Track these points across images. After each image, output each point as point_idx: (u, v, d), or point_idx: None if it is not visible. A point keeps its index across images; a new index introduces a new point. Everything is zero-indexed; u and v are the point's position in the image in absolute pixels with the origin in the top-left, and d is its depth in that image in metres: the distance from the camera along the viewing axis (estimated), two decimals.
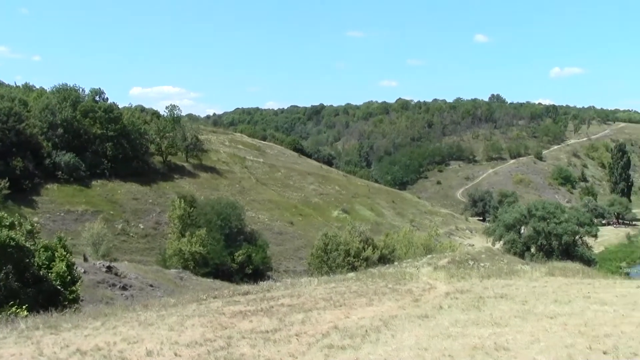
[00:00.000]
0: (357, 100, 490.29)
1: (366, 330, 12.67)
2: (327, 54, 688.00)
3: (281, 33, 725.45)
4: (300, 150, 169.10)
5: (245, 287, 22.49)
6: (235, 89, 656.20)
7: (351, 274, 26.87)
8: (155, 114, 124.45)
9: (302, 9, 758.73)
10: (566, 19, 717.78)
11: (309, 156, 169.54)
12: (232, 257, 67.22)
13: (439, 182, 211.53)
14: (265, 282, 26.09)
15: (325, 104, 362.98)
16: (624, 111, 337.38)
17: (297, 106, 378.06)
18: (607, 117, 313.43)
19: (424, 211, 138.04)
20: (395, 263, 43.63)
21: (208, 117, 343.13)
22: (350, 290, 18.91)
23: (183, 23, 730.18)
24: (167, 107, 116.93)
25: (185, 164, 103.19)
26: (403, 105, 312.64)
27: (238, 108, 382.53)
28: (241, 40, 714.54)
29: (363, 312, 15.06)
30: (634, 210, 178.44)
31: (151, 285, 41.47)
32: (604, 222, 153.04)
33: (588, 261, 66.52)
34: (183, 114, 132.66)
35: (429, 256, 43.29)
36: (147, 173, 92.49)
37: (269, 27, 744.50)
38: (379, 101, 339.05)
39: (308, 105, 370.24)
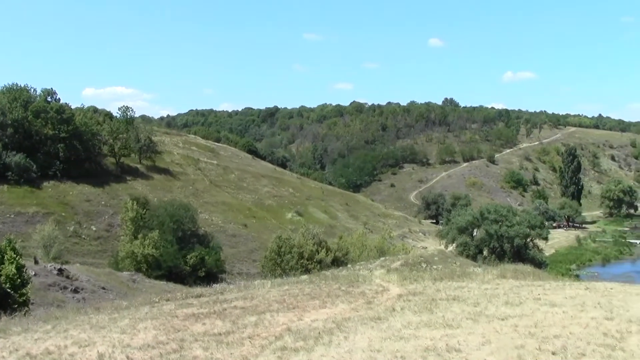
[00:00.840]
0: (312, 103, 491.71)
1: (319, 333, 12.70)
2: (283, 56, 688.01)
3: (237, 34, 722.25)
4: (255, 153, 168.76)
5: (198, 290, 22.44)
6: (189, 90, 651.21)
7: (304, 277, 26.92)
8: (108, 115, 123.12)
9: (259, 11, 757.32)
10: (519, 24, 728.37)
11: (263, 158, 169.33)
12: (185, 260, 66.77)
13: (392, 185, 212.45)
14: (218, 285, 26.04)
15: (279, 106, 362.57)
16: (575, 116, 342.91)
17: (251, 108, 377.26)
18: (558, 121, 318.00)
19: (377, 214, 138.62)
20: (349, 265, 43.87)
21: (162, 118, 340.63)
22: (303, 292, 18.93)
23: (136, 23, 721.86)
24: (120, 109, 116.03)
25: (139, 166, 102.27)
26: (357, 108, 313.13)
27: (192, 110, 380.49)
28: (195, 41, 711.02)
29: (316, 315, 15.09)
30: (583, 214, 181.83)
31: (103, 288, 41.03)
32: (554, 225, 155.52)
33: (539, 263, 67.41)
34: (136, 115, 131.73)
35: (382, 259, 43.60)
36: (99, 174, 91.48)
37: (225, 28, 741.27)
38: (334, 104, 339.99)
39: (263, 107, 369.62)
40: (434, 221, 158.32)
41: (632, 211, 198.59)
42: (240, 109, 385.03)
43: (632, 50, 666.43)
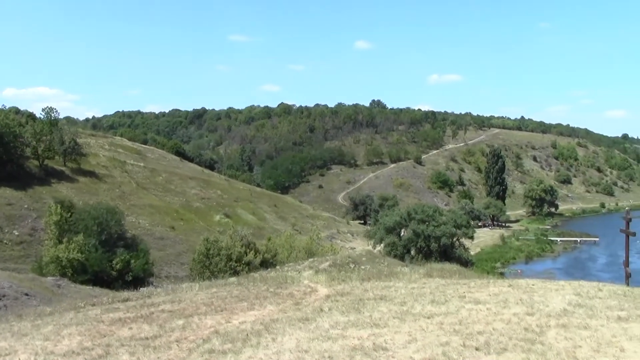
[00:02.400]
0: (240, 105, 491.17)
1: (247, 335, 12.67)
2: (209, 58, 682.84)
3: (162, 35, 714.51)
4: (182, 154, 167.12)
5: (125, 294, 22.10)
6: (115, 91, 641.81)
7: (233, 279, 26.80)
8: (31, 116, 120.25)
9: (184, 12, 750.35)
10: (444, 27, 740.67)
11: (191, 160, 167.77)
12: (111, 264, 65.62)
13: (320, 186, 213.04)
14: (145, 289, 25.75)
15: (207, 108, 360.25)
16: (499, 118, 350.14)
17: (179, 110, 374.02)
18: (483, 123, 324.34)
19: (306, 215, 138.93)
20: (277, 267, 43.76)
21: (87, 120, 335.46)
22: (231, 294, 18.86)
23: (59, 21, 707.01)
24: (43, 110, 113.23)
25: (64, 169, 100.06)
26: (285, 110, 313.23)
27: (118, 111, 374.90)
28: (120, 40, 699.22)
29: (244, 317, 15.05)
30: (508, 213, 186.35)
31: (27, 294, 39.98)
32: (480, 224, 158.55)
33: (465, 262, 68.65)
34: (61, 116, 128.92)
35: (311, 260, 43.67)
36: (22, 177, 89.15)
37: (149, 28, 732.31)
38: (262, 105, 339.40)
39: (190, 108, 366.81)
40: (362, 222, 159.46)
41: (553, 210, 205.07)
42: (167, 111, 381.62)
43: (550, 55, 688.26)
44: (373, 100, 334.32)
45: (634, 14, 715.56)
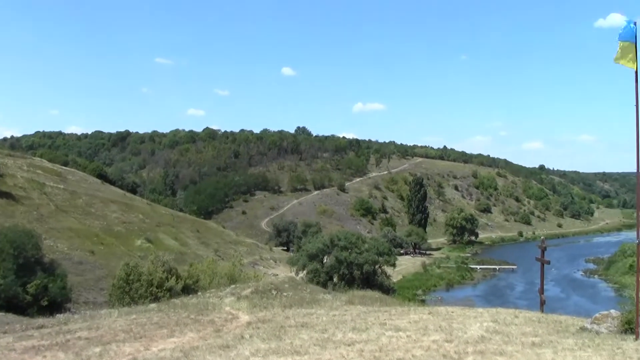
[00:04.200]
0: (164, 128, 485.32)
1: None
2: (134, 80, 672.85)
3: (85, 54, 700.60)
4: (104, 177, 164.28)
5: (40, 321, 21.53)
6: (35, 111, 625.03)
7: (153, 305, 26.43)
8: None
9: (108, 32, 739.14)
10: (368, 55, 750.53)
11: (113, 183, 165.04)
12: (26, 289, 63.74)
13: (244, 212, 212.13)
14: (62, 315, 25.10)
15: (131, 131, 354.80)
16: (422, 147, 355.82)
17: (101, 132, 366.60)
18: (406, 152, 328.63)
19: (228, 241, 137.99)
20: (199, 293, 43.27)
21: (5, 139, 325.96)
22: (151, 321, 18.59)
23: None
24: None
25: None
26: (210, 135, 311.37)
27: (39, 131, 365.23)
28: (42, 59, 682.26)
29: (164, 344, 14.85)
30: (429, 240, 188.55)
31: None
32: (402, 251, 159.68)
33: (387, 289, 69.20)
34: None
35: (233, 286, 43.27)
36: None
37: (72, 47, 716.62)
38: (187, 130, 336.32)
39: (113, 131, 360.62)
40: (285, 248, 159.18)
41: (473, 238, 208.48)
42: (89, 132, 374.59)
43: (469, 87, 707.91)
44: (298, 127, 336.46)
45: (545, 48, 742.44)
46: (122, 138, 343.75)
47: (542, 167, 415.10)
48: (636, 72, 14.30)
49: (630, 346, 13.30)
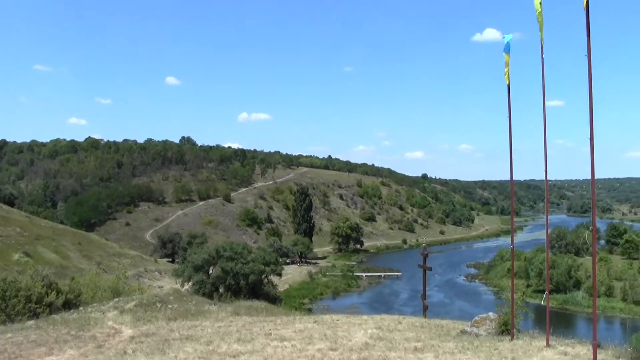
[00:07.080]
0: (44, 137, 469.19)
1: None
2: (10, 87, 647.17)
3: None
4: None
5: None
6: None
7: (31, 322, 25.50)
8: None
9: None
10: (252, 65, 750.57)
11: None
12: None
13: (128, 224, 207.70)
14: None
15: (8, 140, 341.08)
16: (307, 157, 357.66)
17: None
18: (291, 161, 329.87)
19: (112, 253, 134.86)
20: (81, 308, 42.14)
21: None
22: (28, 339, 17.96)
23: None
24: None
25: None
26: (93, 145, 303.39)
27: None
28: None
29: None
30: (315, 249, 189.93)
31: None
32: (288, 261, 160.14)
33: (274, 299, 69.04)
34: None
35: (116, 299, 42.37)
36: None
37: None
38: (68, 139, 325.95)
39: None
40: (170, 260, 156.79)
41: (358, 246, 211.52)
42: None
43: (353, 98, 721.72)
44: (183, 137, 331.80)
45: (425, 60, 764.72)
46: None
47: (424, 176, 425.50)
48: (508, 86, 14.91)
49: (506, 346, 13.82)
